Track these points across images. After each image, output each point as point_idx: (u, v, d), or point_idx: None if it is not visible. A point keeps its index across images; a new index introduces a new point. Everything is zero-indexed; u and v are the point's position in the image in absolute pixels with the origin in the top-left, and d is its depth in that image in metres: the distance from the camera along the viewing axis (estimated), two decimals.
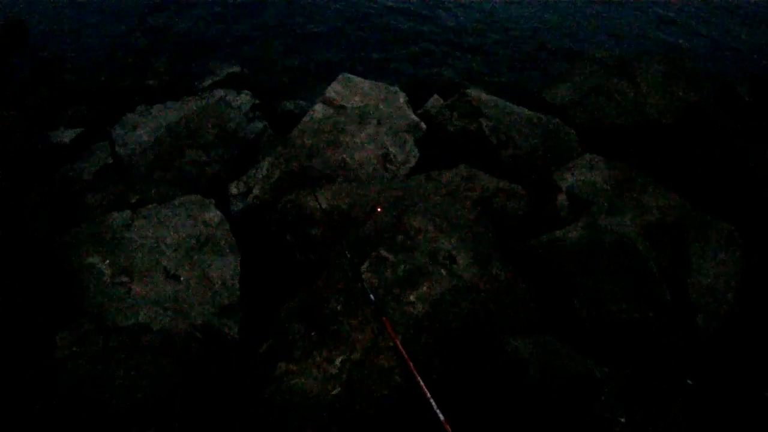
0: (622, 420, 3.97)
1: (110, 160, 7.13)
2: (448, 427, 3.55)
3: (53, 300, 4.80)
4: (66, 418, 4.06)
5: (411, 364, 3.92)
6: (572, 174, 6.11)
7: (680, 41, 13.61)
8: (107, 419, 4.07)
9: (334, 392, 4.03)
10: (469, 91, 7.41)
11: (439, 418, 3.61)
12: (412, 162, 6.63)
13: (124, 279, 4.91)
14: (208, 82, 9.67)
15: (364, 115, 6.94)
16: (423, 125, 7.16)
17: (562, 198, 5.92)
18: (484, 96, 7.33)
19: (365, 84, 7.84)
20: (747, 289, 5.24)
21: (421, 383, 3.79)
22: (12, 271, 5.05)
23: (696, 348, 4.79)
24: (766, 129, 7.78)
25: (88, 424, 4.05)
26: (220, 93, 8.39)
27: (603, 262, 5.11)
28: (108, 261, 5.03)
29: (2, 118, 7.07)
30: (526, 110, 7.34)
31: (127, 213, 5.53)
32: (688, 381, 4.20)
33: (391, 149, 6.61)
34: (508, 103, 7.37)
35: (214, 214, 5.64)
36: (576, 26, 13.83)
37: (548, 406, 4.03)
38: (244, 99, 8.30)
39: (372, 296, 4.29)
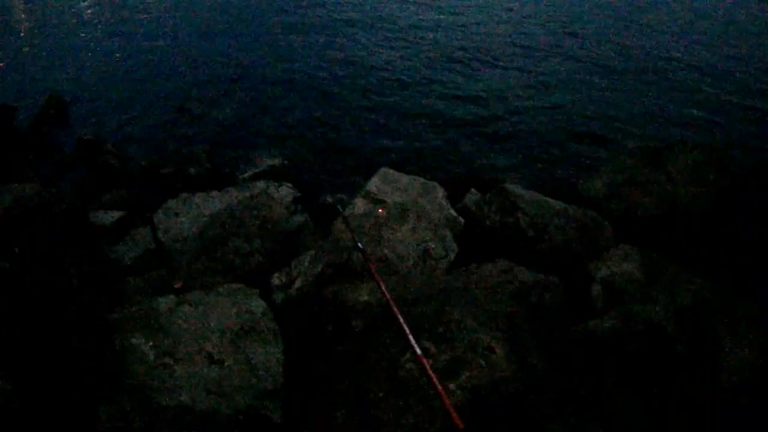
0: None
1: (152, 245, 7.34)
2: None
3: (97, 373, 4.88)
4: None
5: None
6: (607, 265, 6.26)
7: (715, 119, 13.96)
8: None
9: None
10: (506, 185, 7.71)
11: None
12: (451, 256, 6.81)
13: (168, 361, 5.01)
14: (248, 173, 10.05)
15: (405, 210, 7.18)
16: (461, 220, 7.40)
17: (597, 288, 6.04)
18: (520, 190, 7.62)
19: (404, 178, 8.01)
20: None
21: None
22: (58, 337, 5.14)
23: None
24: None
25: None
26: (261, 185, 8.61)
27: (634, 347, 5.20)
28: (152, 342, 5.16)
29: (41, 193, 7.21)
30: (561, 203, 7.58)
31: (172, 298, 5.69)
32: None
33: (430, 244, 6.79)
34: (543, 197, 7.68)
35: (258, 304, 5.79)
36: (599, 108, 14.23)
37: None
38: (285, 192, 8.53)
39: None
